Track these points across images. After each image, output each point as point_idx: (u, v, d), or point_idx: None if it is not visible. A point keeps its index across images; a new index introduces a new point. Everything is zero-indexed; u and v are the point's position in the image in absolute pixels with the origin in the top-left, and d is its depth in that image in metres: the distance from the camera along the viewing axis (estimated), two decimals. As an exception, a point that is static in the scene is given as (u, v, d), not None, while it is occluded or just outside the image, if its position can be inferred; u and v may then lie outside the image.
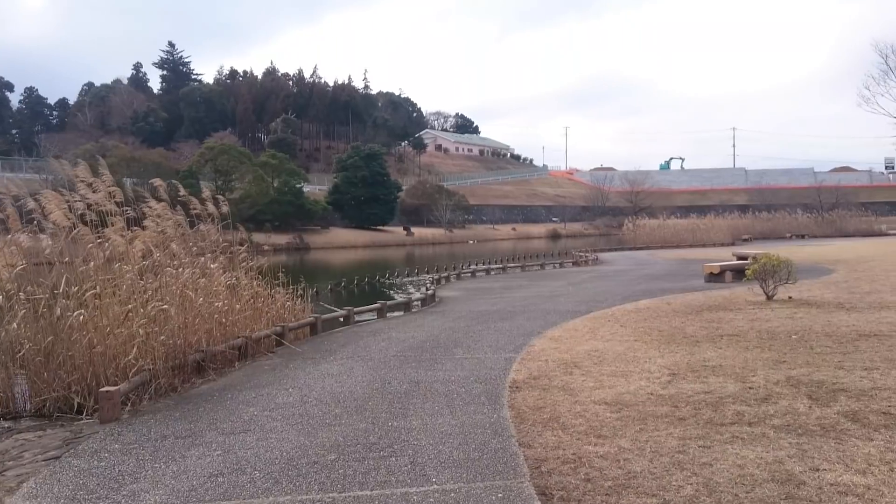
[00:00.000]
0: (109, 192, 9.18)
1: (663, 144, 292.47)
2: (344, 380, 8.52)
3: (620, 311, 13.94)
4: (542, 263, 31.00)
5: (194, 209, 11.21)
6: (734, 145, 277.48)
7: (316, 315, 12.70)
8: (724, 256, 33.31)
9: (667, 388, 7.26)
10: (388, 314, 15.06)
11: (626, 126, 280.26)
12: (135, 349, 8.11)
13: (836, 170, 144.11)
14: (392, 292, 26.62)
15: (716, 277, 20.10)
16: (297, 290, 13.53)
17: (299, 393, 7.90)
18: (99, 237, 9.02)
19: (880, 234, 64.79)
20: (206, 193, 11.76)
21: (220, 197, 12.35)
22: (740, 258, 25.83)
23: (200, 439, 6.25)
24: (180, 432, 6.51)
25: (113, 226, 9.13)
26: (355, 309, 14.26)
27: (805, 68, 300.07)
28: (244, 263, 12.04)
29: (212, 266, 10.65)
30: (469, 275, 26.81)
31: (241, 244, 12.49)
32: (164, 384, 8.17)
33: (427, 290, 18.58)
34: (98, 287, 8.51)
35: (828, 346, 9.14)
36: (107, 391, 7.11)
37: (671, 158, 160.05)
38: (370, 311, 15.11)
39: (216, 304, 10.09)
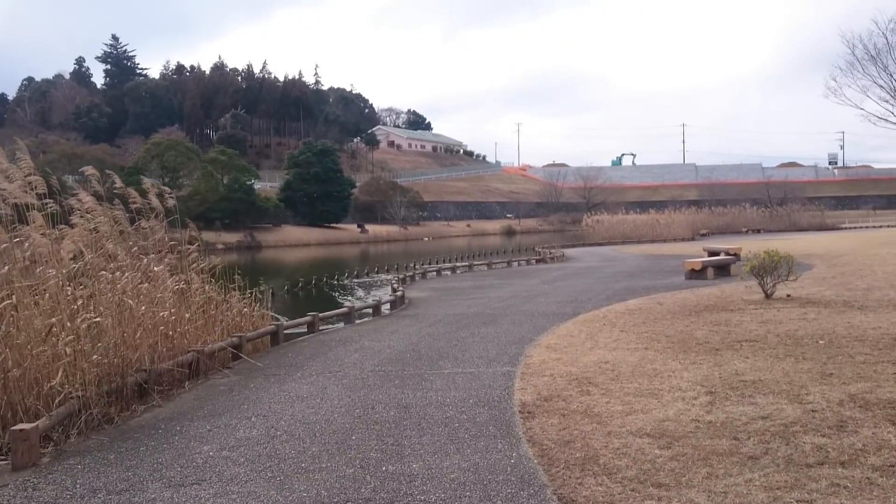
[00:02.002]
0: (28, 183, 7.61)
1: (614, 140, 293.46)
2: (317, 404, 7.12)
3: (612, 313, 12.76)
4: (509, 260, 29.81)
5: (134, 203, 9.67)
6: (684, 141, 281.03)
7: (277, 323, 11.22)
8: (692, 251, 32.57)
9: (713, 413, 6.03)
10: (356, 319, 13.63)
11: (576, 122, 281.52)
12: (60, 372, 6.60)
13: (783, 165, 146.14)
14: (353, 294, 25.19)
15: (697, 274, 19.11)
16: (254, 294, 12.05)
17: (264, 423, 6.48)
18: (16, 236, 7.46)
19: (833, 227, 65.24)
20: (148, 184, 10.18)
21: (165, 189, 10.82)
22: (712, 253, 25.03)
23: (141, 495, 4.82)
24: (115, 484, 5.06)
25: (34, 222, 7.58)
26: (320, 314, 12.80)
27: (747, 65, 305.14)
28: (195, 264, 10.54)
29: (156, 269, 9.13)
30: (434, 273, 25.48)
31: (192, 242, 10.94)
32: (98, 414, 6.66)
33: (395, 291, 17.18)
34: (15, 296, 6.98)
35: (869, 355, 8.04)
36: (21, 430, 5.61)
37: (623, 154, 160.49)
38: (336, 316, 13.67)
39: (161, 313, 8.60)
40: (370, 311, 14.78)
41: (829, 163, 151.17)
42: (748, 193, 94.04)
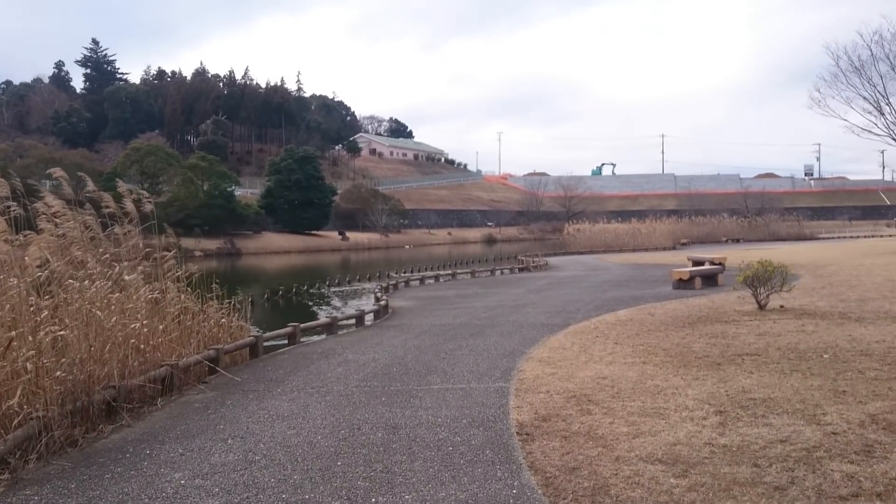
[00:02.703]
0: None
1: (593, 150, 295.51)
2: (299, 423, 6.64)
3: (603, 324, 12.36)
4: (493, 269, 29.39)
5: (107, 207, 9.14)
6: (663, 151, 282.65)
7: (256, 335, 10.70)
8: (676, 261, 32.35)
9: (726, 435, 5.62)
10: (339, 330, 13.13)
11: (556, 132, 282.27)
12: (19, 391, 6.09)
13: (760, 176, 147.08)
14: (334, 303, 24.68)
15: (685, 284, 18.79)
16: (233, 303, 11.51)
17: (242, 446, 6.00)
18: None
19: (811, 238, 65.49)
20: (123, 189, 9.65)
21: (142, 193, 10.30)
22: (696, 263, 24.73)
23: (103, 531, 4.33)
24: (75, 518, 4.56)
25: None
26: (301, 325, 12.30)
27: (724, 77, 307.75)
28: (170, 272, 10.01)
29: (128, 277, 8.61)
30: (418, 282, 24.99)
31: (168, 249, 10.40)
32: (60, 437, 6.13)
33: (379, 300, 16.69)
34: (-29, 307, 6.46)
35: (879, 370, 7.68)
36: (-28, 456, 5.10)
37: (603, 164, 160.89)
38: (318, 327, 13.16)
39: (133, 325, 8.08)
40: (353, 321, 14.27)
41: (805, 174, 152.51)
42: (726, 203, 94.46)
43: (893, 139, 31.30)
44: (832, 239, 61.24)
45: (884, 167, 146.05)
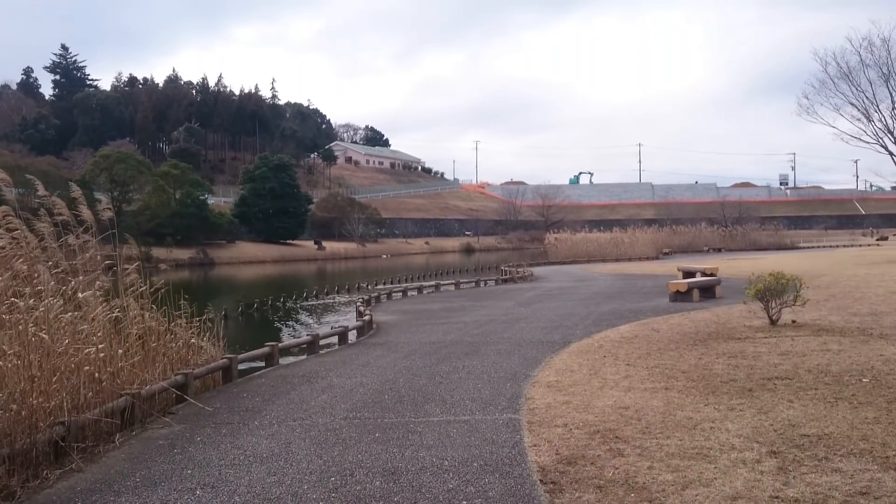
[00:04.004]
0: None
1: (570, 159, 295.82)
2: (281, 468, 5.65)
3: (607, 342, 11.46)
4: (477, 280, 28.45)
5: (60, 215, 8.10)
6: (640, 161, 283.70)
7: (230, 356, 9.64)
8: (663, 271, 31.66)
9: (793, 485, 4.72)
10: (320, 349, 12.11)
11: (532, 141, 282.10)
12: (-57, 434, 5.06)
13: (737, 185, 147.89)
14: (313, 317, 23.63)
15: (682, 296, 17.98)
16: (204, 321, 10.44)
17: (213, 499, 5.00)
18: None
19: (792, 247, 65.41)
20: (78, 193, 8.59)
21: (101, 198, 9.26)
22: (687, 273, 24.03)
23: None
24: None
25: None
26: (280, 345, 11.27)
27: (699, 88, 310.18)
28: (133, 287, 8.97)
29: (82, 294, 7.57)
30: (400, 294, 23.98)
31: (131, 261, 9.34)
32: (-7, 489, 5.11)
33: (362, 315, 15.67)
34: None
35: (934, 398, 6.84)
36: None
37: (580, 173, 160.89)
38: (297, 346, 12.12)
39: (88, 349, 7.04)
40: (335, 339, 13.23)
41: (781, 183, 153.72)
42: (704, 213, 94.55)
43: (882, 146, 30.89)
44: (813, 248, 61.19)
45: (857, 177, 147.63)
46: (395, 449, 6.05)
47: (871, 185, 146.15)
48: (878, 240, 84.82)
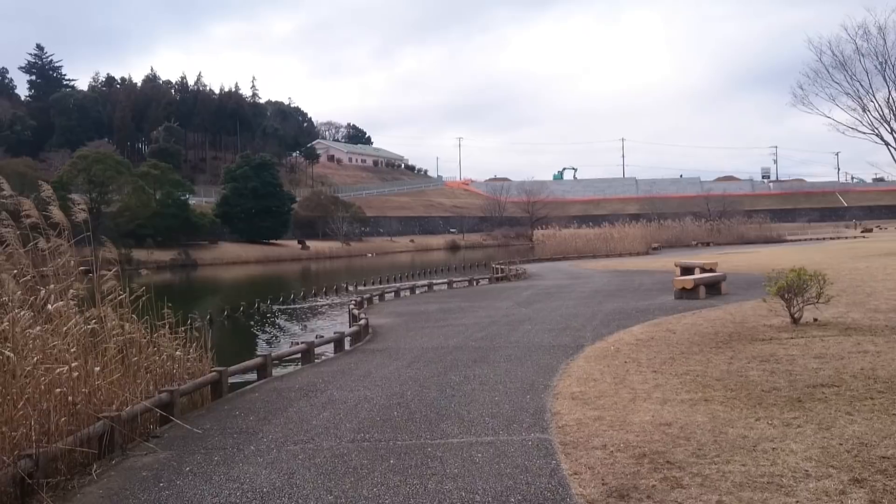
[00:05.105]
0: None
1: (553, 155, 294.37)
2: (285, 507, 4.86)
3: (623, 346, 10.72)
4: (471, 279, 27.66)
5: (28, 216, 7.25)
6: (623, 155, 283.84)
7: (219, 369, 8.79)
8: (657, 267, 31.05)
9: (900, 526, 3.99)
10: (315, 357, 11.29)
11: (515, 137, 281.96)
12: None
13: (720, 179, 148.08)
14: (303, 321, 22.81)
15: (688, 293, 17.29)
16: (191, 328, 9.57)
17: (208, 553, 4.20)
18: None
19: (780, 240, 65.23)
20: (49, 191, 7.71)
21: (74, 198, 8.42)
22: (685, 269, 23.43)
23: None
24: None
25: None
26: (273, 354, 10.44)
27: (680, 82, 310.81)
28: (111, 294, 8.11)
29: (53, 307, 6.73)
30: (392, 294, 23.15)
31: (110, 265, 8.44)
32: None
33: (357, 319, 14.84)
34: None
35: None
36: None
37: (564, 168, 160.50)
38: (292, 355, 11.29)
39: (60, 368, 6.20)
40: (330, 344, 12.42)
41: (763, 176, 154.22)
42: (688, 207, 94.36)
43: (879, 137, 30.41)
44: (801, 241, 60.91)
45: (839, 169, 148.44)
46: (415, 480, 5.27)
47: (853, 178, 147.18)
48: (862, 232, 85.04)
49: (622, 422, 6.46)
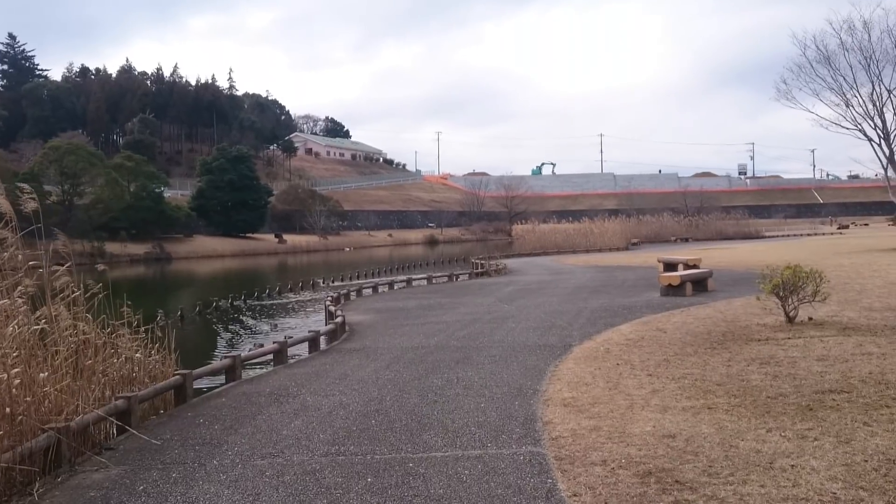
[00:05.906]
0: None
1: (531, 150, 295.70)
2: (248, 537, 4.26)
3: (613, 345, 10.21)
4: (451, 274, 27.08)
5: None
6: (601, 150, 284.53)
7: (183, 372, 8.15)
8: (639, 262, 30.69)
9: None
10: (288, 358, 10.67)
11: (493, 132, 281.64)
12: None
13: (698, 175, 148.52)
14: (277, 317, 22.17)
15: (674, 290, 16.85)
16: (154, 329, 8.94)
17: None
18: None
19: (758, 236, 65.34)
20: (-8, 180, 7.03)
21: (23, 186, 7.73)
22: (668, 265, 22.95)
23: None
24: None
25: None
26: (243, 355, 9.81)
27: (658, 78, 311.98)
28: (64, 292, 7.44)
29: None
30: (370, 290, 22.52)
31: (63, 259, 7.77)
32: None
33: (333, 316, 14.22)
34: None
35: None
36: None
37: (543, 163, 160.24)
38: (263, 355, 10.66)
39: (-1, 375, 5.56)
40: (305, 343, 11.80)
41: (740, 173, 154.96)
42: (666, 202, 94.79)
43: (862, 133, 30.20)
44: (779, 237, 61.05)
45: (814, 166, 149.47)
46: (394, 503, 4.69)
47: (829, 175, 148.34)
48: (839, 228, 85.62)
49: (621, 433, 5.92)
